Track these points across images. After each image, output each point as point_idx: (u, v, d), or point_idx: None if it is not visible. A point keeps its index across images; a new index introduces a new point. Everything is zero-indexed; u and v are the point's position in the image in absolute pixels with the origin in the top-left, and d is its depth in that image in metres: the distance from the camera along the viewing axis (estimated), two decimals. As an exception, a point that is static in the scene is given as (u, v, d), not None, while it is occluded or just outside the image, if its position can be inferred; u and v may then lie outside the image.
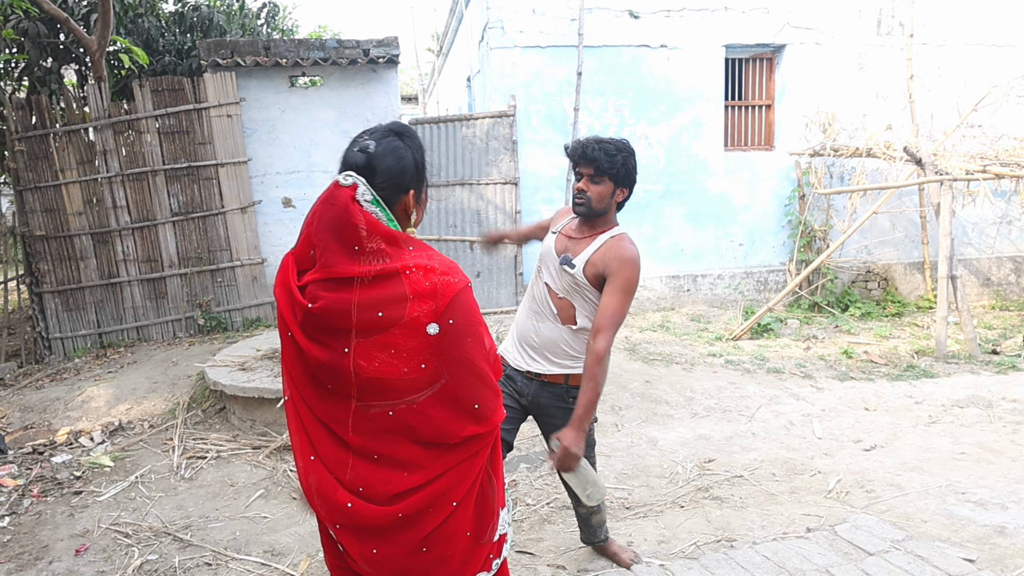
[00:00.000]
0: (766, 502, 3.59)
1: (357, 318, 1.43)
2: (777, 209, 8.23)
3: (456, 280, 1.49)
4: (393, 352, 1.44)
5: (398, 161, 1.52)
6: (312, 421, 1.53)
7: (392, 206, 1.52)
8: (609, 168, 2.38)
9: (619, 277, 2.37)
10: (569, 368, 2.52)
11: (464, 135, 7.53)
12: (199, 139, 6.93)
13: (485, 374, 1.53)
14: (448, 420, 1.50)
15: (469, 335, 1.50)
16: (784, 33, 7.96)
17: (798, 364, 5.91)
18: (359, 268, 1.43)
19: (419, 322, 1.44)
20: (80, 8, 7.48)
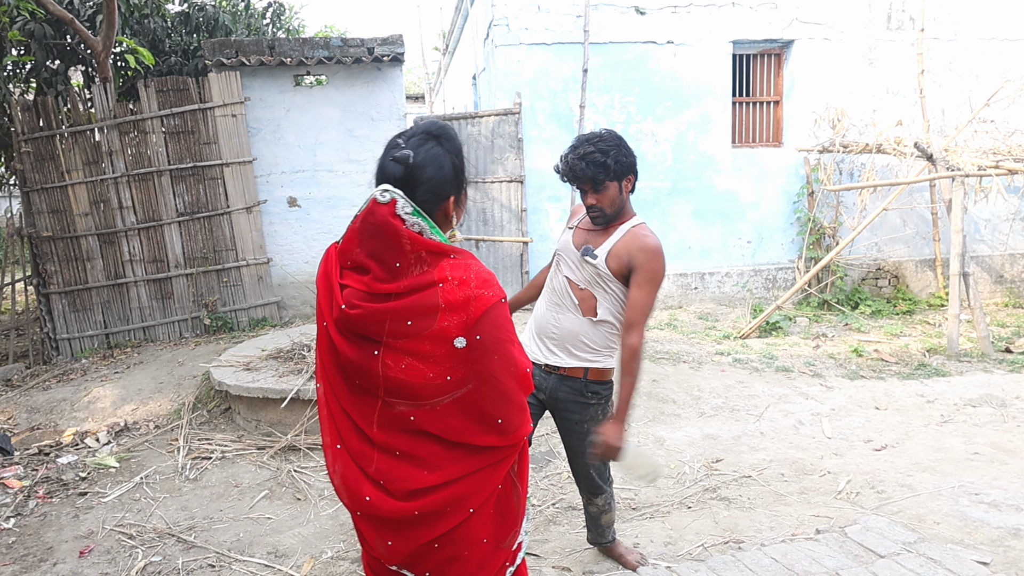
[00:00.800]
0: (775, 503, 3.54)
1: (390, 327, 1.44)
2: (786, 206, 8.16)
3: (490, 294, 1.47)
4: (420, 358, 1.45)
5: (439, 171, 1.50)
6: (340, 412, 1.56)
7: (433, 214, 1.51)
8: (605, 176, 2.35)
9: (646, 269, 2.36)
10: (589, 362, 2.49)
11: (470, 133, 7.49)
12: (204, 139, 6.93)
13: (511, 392, 1.52)
14: (468, 429, 1.51)
15: (496, 352, 1.49)
16: (792, 28, 7.88)
17: (807, 363, 5.85)
18: (399, 284, 1.44)
19: (448, 333, 1.44)
20: (86, 9, 7.49)
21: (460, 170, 1.56)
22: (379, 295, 1.45)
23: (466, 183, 1.62)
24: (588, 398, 2.52)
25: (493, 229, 7.47)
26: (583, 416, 2.55)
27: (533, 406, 2.57)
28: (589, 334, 2.48)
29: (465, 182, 1.61)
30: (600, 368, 2.52)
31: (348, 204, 7.28)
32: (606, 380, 2.56)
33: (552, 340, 2.53)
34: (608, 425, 2.34)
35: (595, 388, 2.53)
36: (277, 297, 7.25)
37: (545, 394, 2.57)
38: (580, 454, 2.62)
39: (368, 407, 1.52)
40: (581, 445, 2.58)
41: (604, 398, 2.57)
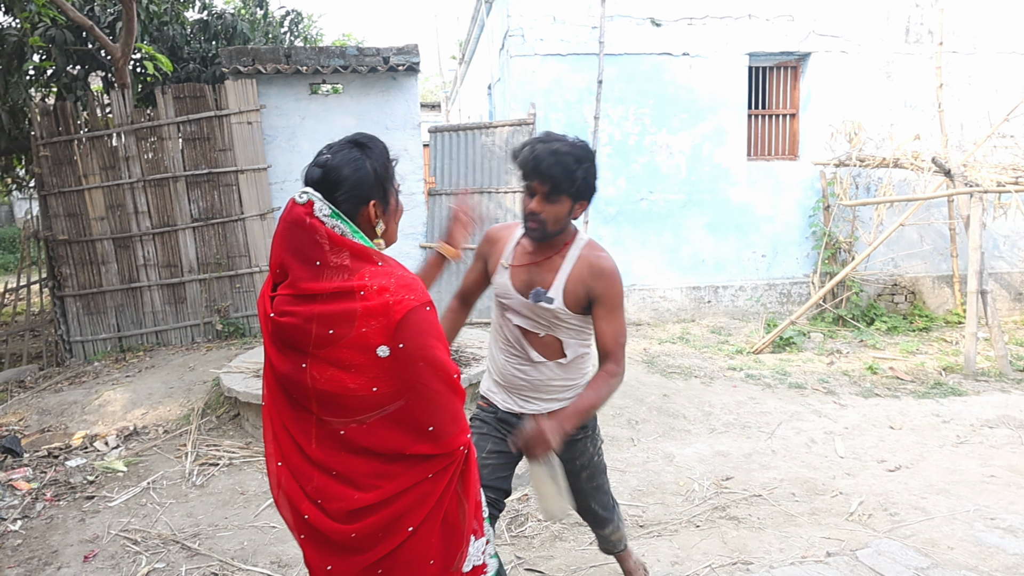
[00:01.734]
0: (785, 523, 3.48)
1: (315, 335, 1.42)
2: (801, 220, 8.09)
3: (411, 297, 1.43)
4: (342, 368, 1.42)
5: (355, 172, 1.50)
6: (281, 429, 1.54)
7: (355, 218, 1.50)
8: (568, 186, 2.02)
9: (608, 296, 2.10)
10: (568, 400, 2.23)
11: (484, 143, 7.49)
12: (220, 146, 6.98)
13: (440, 397, 1.47)
14: (400, 440, 1.47)
15: (422, 358, 1.44)
16: (809, 41, 7.83)
17: (821, 379, 5.77)
18: (322, 285, 1.42)
19: (368, 340, 1.40)
20: (106, 16, 7.59)
21: (383, 176, 1.54)
22: (305, 296, 1.43)
23: (394, 192, 1.59)
24: (574, 434, 2.24)
25: (505, 239, 7.45)
26: (571, 454, 2.31)
27: (507, 455, 2.27)
28: (561, 375, 2.24)
29: (392, 190, 1.58)
30: None
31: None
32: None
33: (521, 389, 2.27)
34: (547, 421, 2.00)
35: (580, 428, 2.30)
36: (289, 304, 7.26)
37: None
38: (579, 492, 2.42)
39: (306, 423, 1.49)
40: (578, 483, 2.39)
41: (590, 428, 2.35)
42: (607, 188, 7.71)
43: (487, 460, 2.22)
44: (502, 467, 2.25)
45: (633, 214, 7.82)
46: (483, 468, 2.17)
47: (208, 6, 9.08)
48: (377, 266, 1.46)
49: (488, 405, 2.34)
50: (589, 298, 2.11)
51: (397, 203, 1.63)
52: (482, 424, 2.31)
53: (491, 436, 2.28)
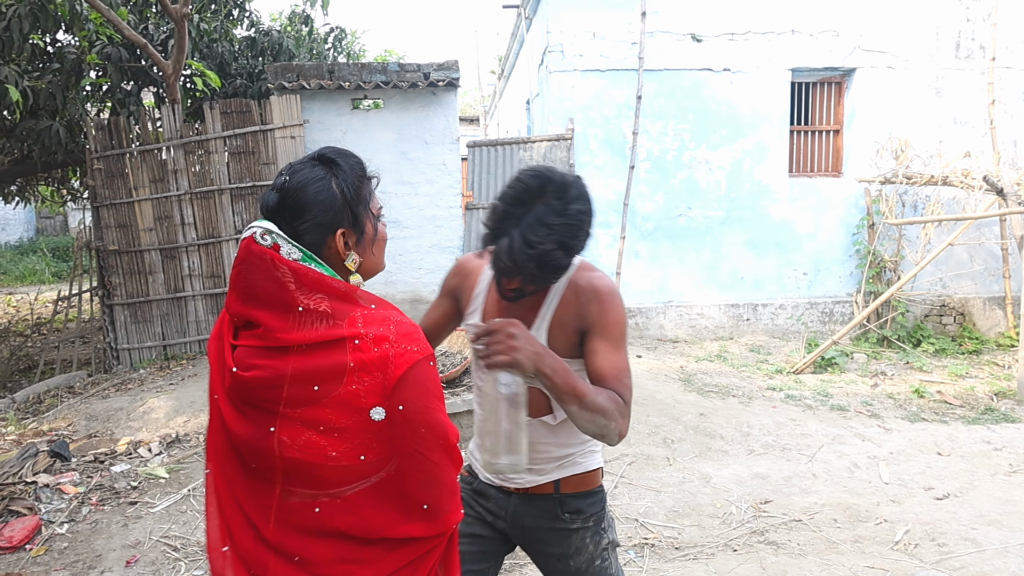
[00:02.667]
0: (826, 550, 3.39)
1: (288, 393, 1.18)
2: (844, 238, 7.92)
3: (414, 349, 1.20)
4: (323, 432, 1.18)
5: (317, 195, 1.24)
6: (231, 504, 1.27)
7: (321, 250, 1.26)
8: (554, 279, 1.59)
9: (603, 323, 1.60)
10: (558, 472, 1.74)
11: (521, 158, 7.53)
12: (264, 159, 7.14)
13: (441, 470, 1.23)
14: (388, 520, 1.23)
15: (424, 423, 1.21)
16: (855, 56, 7.70)
17: (864, 402, 5.63)
18: (303, 334, 1.18)
19: (358, 399, 1.17)
20: (159, 34, 7.85)
21: (353, 199, 1.27)
22: (277, 348, 1.19)
23: (370, 216, 1.31)
24: (568, 521, 1.74)
25: (542, 254, 7.46)
26: (565, 549, 1.75)
27: (489, 540, 1.83)
28: (550, 439, 1.73)
29: (367, 215, 1.30)
30: (579, 475, 1.75)
31: (400, 226, 7.38)
32: (591, 489, 1.77)
33: (499, 453, 1.90)
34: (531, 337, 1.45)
35: (576, 505, 1.75)
36: (327, 315, 7.37)
37: (507, 522, 1.80)
38: None
39: (265, 497, 1.23)
40: None
41: (592, 517, 1.76)
42: (645, 204, 7.67)
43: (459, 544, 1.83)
44: (476, 557, 1.79)
45: (671, 230, 7.75)
46: None
47: (256, 23, 9.34)
48: (369, 309, 1.22)
49: (468, 473, 1.90)
50: (580, 331, 1.63)
51: (375, 229, 1.34)
52: None
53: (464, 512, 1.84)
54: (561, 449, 1.73)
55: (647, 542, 3.50)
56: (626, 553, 3.41)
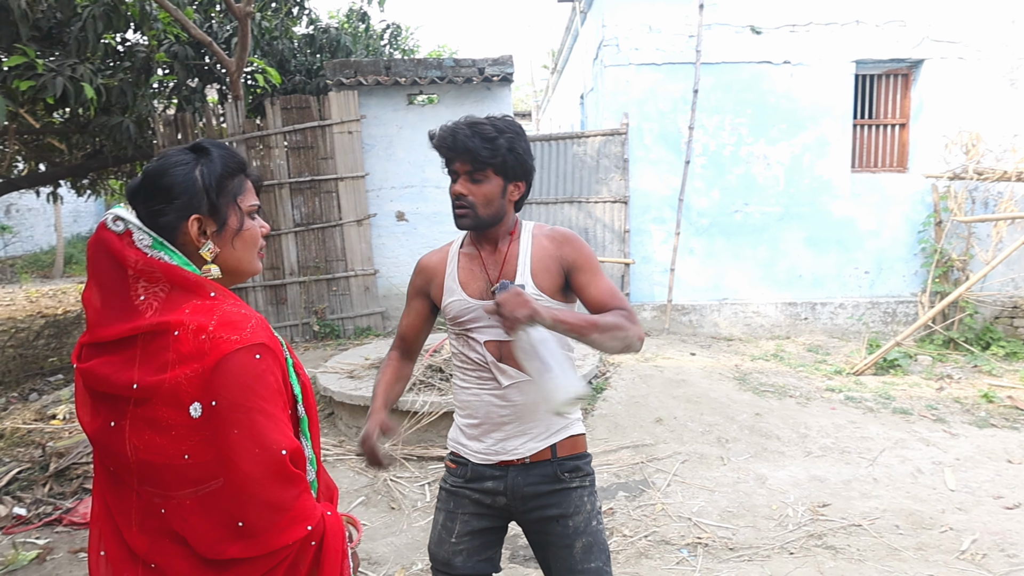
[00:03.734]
0: (887, 557, 3.29)
1: (117, 385, 1.13)
2: (909, 235, 7.65)
3: (233, 337, 1.12)
4: (157, 429, 1.12)
5: (174, 177, 1.20)
6: (102, 509, 1.22)
7: (175, 236, 1.21)
8: (491, 158, 1.75)
9: (583, 258, 1.83)
10: (554, 437, 1.86)
11: (575, 152, 7.50)
12: (322, 154, 7.29)
13: (252, 482, 1.11)
14: (210, 533, 1.13)
15: (236, 424, 1.10)
16: (923, 47, 7.41)
17: (929, 406, 5.43)
18: (129, 324, 1.14)
19: (179, 392, 1.10)
20: (223, 32, 8.08)
21: (214, 187, 1.22)
22: (98, 344, 1.15)
23: (237, 211, 1.26)
24: (568, 480, 1.85)
25: (595, 249, 7.42)
26: (565, 508, 1.83)
27: (489, 529, 1.89)
28: None
29: (232, 209, 1.26)
30: (572, 437, 1.88)
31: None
32: (583, 452, 1.92)
33: (502, 426, 1.85)
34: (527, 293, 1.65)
35: (574, 464, 1.87)
36: (382, 308, 7.50)
37: (506, 497, 1.85)
38: (572, 573, 1.82)
39: (126, 501, 1.17)
40: (568, 560, 1.82)
41: (588, 477, 1.89)
42: (700, 199, 7.55)
43: (459, 545, 1.85)
44: (481, 548, 1.87)
45: (727, 226, 7.61)
46: (455, 556, 1.85)
47: (314, 21, 9.53)
48: (205, 300, 1.17)
49: (456, 465, 1.92)
50: (564, 270, 1.82)
51: (241, 224, 1.27)
52: (448, 497, 1.91)
53: (459, 513, 1.88)
54: None
55: (700, 541, 3.46)
56: (679, 552, 3.38)
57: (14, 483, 4.09)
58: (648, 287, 7.61)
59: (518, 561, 3.31)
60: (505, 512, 1.88)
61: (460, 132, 1.75)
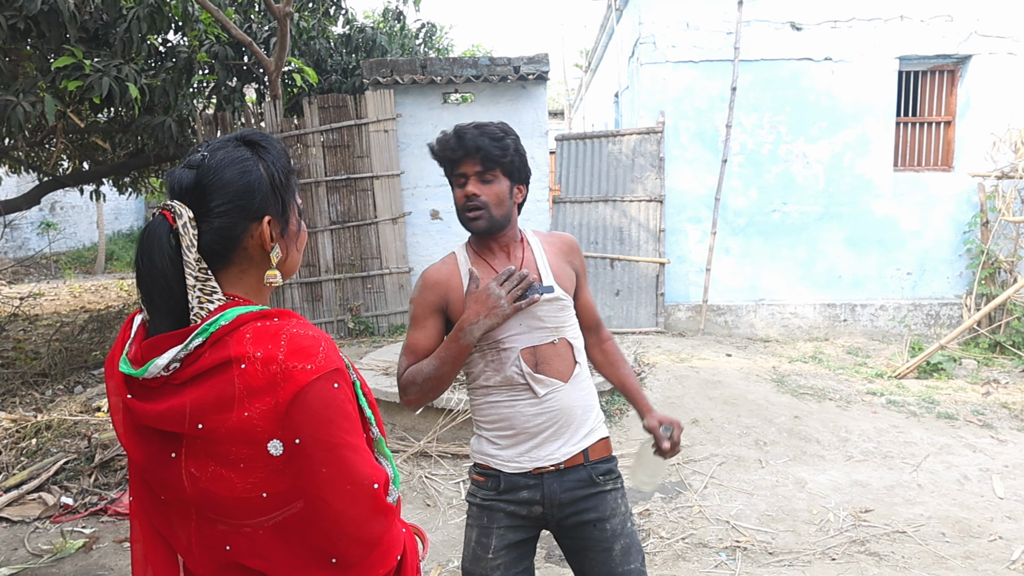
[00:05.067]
0: (934, 565, 3.21)
1: (169, 422, 1.02)
2: (954, 236, 7.45)
3: (309, 367, 1.02)
4: (227, 463, 1.02)
5: (243, 176, 1.09)
6: (151, 535, 1.12)
7: (238, 241, 1.10)
8: (501, 157, 1.74)
9: (584, 267, 1.99)
10: (585, 441, 1.84)
11: (610, 151, 7.45)
12: (358, 153, 7.35)
13: (347, 520, 1.05)
14: (295, 564, 1.07)
15: (324, 463, 1.02)
16: (970, 43, 7.21)
17: (975, 411, 5.28)
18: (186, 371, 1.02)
19: (252, 429, 1.00)
20: (262, 33, 8.19)
21: (282, 185, 1.13)
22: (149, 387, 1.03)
23: (295, 208, 1.18)
24: (602, 483, 1.83)
25: (629, 249, 7.37)
26: (602, 511, 1.81)
27: (524, 540, 1.85)
28: (581, 391, 1.85)
29: (293, 206, 1.17)
30: (600, 441, 1.88)
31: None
32: (611, 455, 1.91)
33: (538, 435, 1.80)
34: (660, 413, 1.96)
35: (607, 467, 1.86)
36: (415, 305, 7.53)
37: (542, 505, 1.81)
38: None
39: (182, 531, 1.09)
40: (610, 562, 1.80)
41: (619, 479, 1.90)
42: (737, 198, 7.45)
43: (495, 560, 1.80)
44: (517, 560, 1.84)
45: (764, 226, 7.50)
46: (493, 572, 1.80)
47: (351, 21, 9.61)
48: (258, 324, 1.04)
49: (485, 478, 1.86)
50: (575, 273, 1.94)
51: (299, 225, 1.21)
52: (480, 512, 1.85)
53: (494, 527, 1.82)
54: (587, 411, 1.86)
55: (739, 545, 3.41)
56: (717, 555, 3.33)
57: (61, 473, 4.20)
58: (683, 287, 7.54)
59: (554, 561, 3.30)
60: (540, 521, 1.84)
61: (468, 133, 1.75)
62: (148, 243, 1.04)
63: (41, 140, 8.27)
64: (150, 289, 1.04)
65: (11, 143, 7.95)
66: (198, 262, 1.05)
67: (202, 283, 1.04)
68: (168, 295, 1.04)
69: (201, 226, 1.07)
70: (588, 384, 1.89)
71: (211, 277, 1.06)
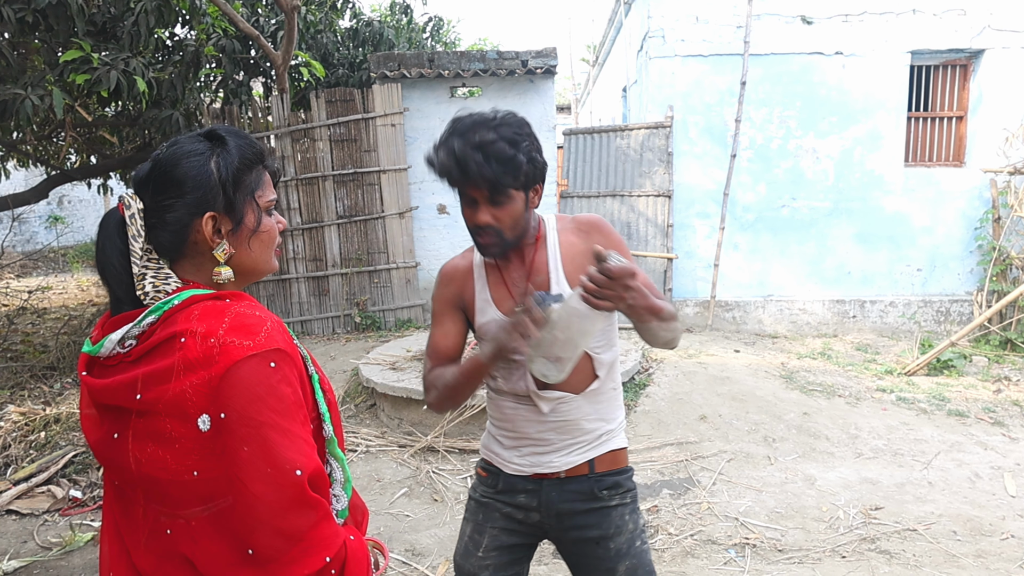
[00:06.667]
0: (945, 563, 3.18)
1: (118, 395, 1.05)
2: (965, 232, 7.39)
3: (245, 343, 1.01)
4: (162, 442, 1.02)
5: (188, 169, 1.09)
6: (110, 526, 1.14)
7: (186, 236, 1.11)
8: (514, 180, 1.54)
9: (615, 245, 1.67)
10: (593, 451, 1.71)
11: (618, 146, 7.41)
12: (365, 147, 7.34)
13: (262, 507, 0.99)
14: (220, 557, 1.02)
15: (246, 440, 0.98)
16: (984, 37, 7.14)
17: (986, 408, 5.24)
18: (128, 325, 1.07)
19: (185, 402, 1.00)
20: (269, 26, 8.18)
21: (231, 181, 1.11)
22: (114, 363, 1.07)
23: (253, 208, 1.15)
24: (606, 498, 1.70)
25: (637, 244, 7.34)
26: (605, 529, 1.69)
27: (519, 545, 1.77)
28: (595, 404, 1.71)
29: (248, 205, 1.14)
30: (611, 452, 1.73)
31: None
32: (624, 467, 1.77)
33: (540, 443, 1.71)
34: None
35: (613, 480, 1.72)
36: (423, 300, 7.52)
37: (539, 513, 1.73)
38: None
39: (133, 519, 1.09)
40: None
41: (629, 493, 1.75)
42: (746, 193, 7.40)
43: (485, 560, 1.74)
44: (509, 565, 1.77)
45: (773, 221, 7.45)
46: (482, 571, 1.74)
47: (358, 14, 9.59)
48: (219, 303, 1.08)
49: (487, 474, 1.80)
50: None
51: (258, 222, 1.17)
52: (478, 508, 1.80)
53: (488, 526, 1.76)
54: (599, 425, 1.71)
55: (748, 542, 3.39)
56: (726, 552, 3.31)
57: (70, 466, 4.21)
58: (691, 283, 7.50)
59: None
60: (538, 529, 1.76)
61: (471, 160, 1.51)
62: (101, 233, 1.10)
63: (49, 134, 8.29)
64: (106, 276, 1.09)
65: (19, 137, 7.96)
66: (146, 252, 1.09)
67: (153, 271, 1.08)
68: (120, 282, 1.08)
69: (152, 219, 1.10)
70: (609, 398, 1.74)
71: (163, 266, 1.10)
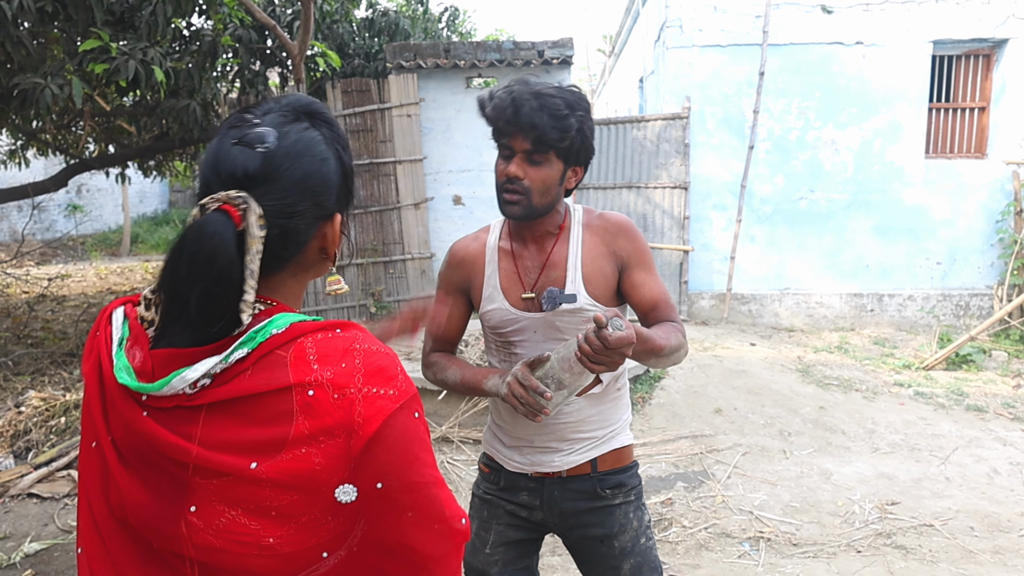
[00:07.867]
0: (962, 560, 3.16)
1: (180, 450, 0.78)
2: (986, 225, 7.29)
3: (388, 392, 0.81)
4: (261, 514, 0.78)
5: (319, 168, 0.88)
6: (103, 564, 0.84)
7: (304, 245, 0.89)
8: (559, 140, 1.49)
9: (637, 253, 1.63)
10: (595, 451, 1.67)
11: (635, 137, 7.37)
12: (381, 137, 7.34)
13: (438, 563, 0.85)
14: None
15: (411, 506, 0.82)
16: (1008, 26, 7.01)
17: (1005, 403, 5.19)
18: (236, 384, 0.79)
19: (312, 470, 0.78)
20: (285, 16, 8.19)
21: (350, 175, 0.93)
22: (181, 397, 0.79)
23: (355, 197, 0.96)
24: (609, 497, 1.67)
25: (653, 236, 7.30)
26: (609, 528, 1.66)
27: (524, 540, 1.74)
28: (598, 407, 1.67)
29: (354, 196, 0.95)
30: (615, 451, 1.69)
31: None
32: (628, 465, 1.72)
33: (542, 444, 1.67)
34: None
35: (616, 479, 1.69)
36: (436, 290, 7.54)
37: (542, 511, 1.70)
38: None
39: None
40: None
41: (633, 491, 1.71)
42: (763, 185, 7.34)
43: (493, 556, 1.72)
44: (517, 558, 1.74)
45: (791, 213, 7.39)
46: (491, 567, 1.72)
47: (374, 4, 9.57)
48: (331, 334, 0.83)
49: (490, 470, 1.77)
50: (617, 268, 1.62)
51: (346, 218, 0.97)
52: (482, 505, 1.77)
53: (493, 523, 1.73)
54: (602, 428, 1.67)
55: (763, 536, 3.38)
56: (741, 545, 3.31)
57: (90, 452, 4.26)
58: (707, 275, 7.46)
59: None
60: (542, 527, 1.74)
61: (525, 104, 1.46)
62: (209, 243, 0.79)
63: (68, 123, 8.36)
64: (188, 296, 0.80)
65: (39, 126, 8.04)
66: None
67: (251, 292, 0.81)
68: (217, 306, 0.80)
69: (270, 227, 0.84)
70: (613, 400, 1.70)
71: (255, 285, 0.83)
